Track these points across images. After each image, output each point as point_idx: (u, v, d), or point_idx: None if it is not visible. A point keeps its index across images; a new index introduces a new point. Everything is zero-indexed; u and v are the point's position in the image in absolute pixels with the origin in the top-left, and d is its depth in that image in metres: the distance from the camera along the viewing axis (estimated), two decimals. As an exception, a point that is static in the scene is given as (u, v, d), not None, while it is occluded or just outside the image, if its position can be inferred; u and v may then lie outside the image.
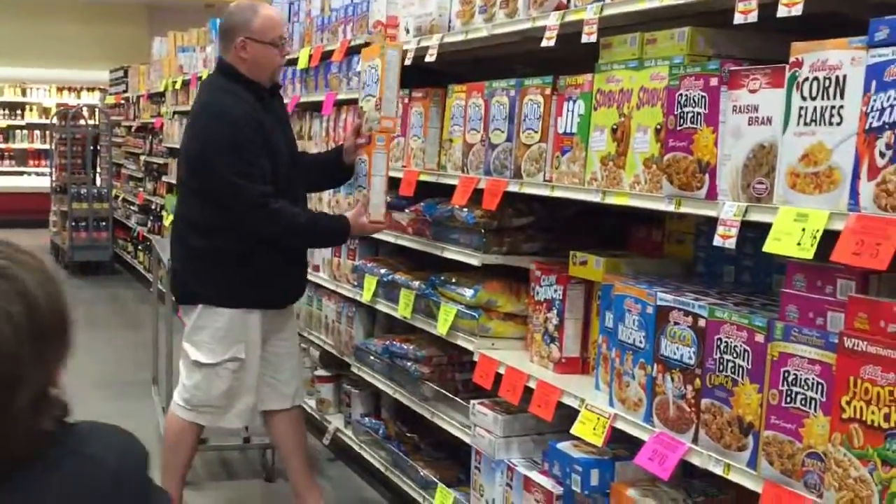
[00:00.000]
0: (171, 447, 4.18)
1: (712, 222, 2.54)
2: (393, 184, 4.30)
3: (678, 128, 2.63)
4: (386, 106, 4.05)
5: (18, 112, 18.60)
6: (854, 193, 2.13)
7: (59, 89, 18.80)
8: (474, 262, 3.71)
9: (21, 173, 18.38)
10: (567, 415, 3.12)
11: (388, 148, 4.10)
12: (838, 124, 2.18)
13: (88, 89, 18.65)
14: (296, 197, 4.08)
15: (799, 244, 2.20)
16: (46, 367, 1.54)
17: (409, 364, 4.22)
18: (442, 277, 3.97)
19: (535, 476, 3.24)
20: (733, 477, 2.44)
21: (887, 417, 2.00)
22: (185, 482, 4.28)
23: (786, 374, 2.27)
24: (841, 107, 2.18)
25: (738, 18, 2.45)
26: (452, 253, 3.88)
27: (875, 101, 2.09)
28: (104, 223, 12.13)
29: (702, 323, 2.54)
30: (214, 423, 4.21)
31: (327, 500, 4.43)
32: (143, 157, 11.74)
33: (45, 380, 1.55)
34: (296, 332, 4.46)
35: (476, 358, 3.65)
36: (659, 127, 2.73)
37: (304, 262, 4.31)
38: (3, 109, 18.44)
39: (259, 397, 4.19)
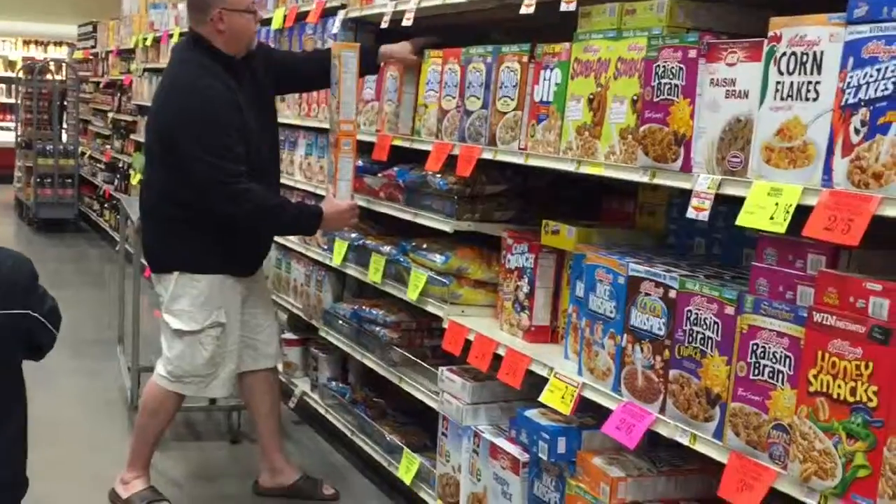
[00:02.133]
0: (151, 412, 4.16)
1: (685, 195, 2.55)
2: (366, 148, 4.29)
3: (655, 99, 2.63)
4: (344, 109, 4.03)
5: (-17, 65, 18.36)
6: (828, 169, 2.15)
7: (26, 42, 18.55)
8: (446, 228, 3.71)
9: (-15, 127, 18.17)
10: (535, 383, 3.14)
11: (355, 151, 4.07)
12: (814, 100, 2.19)
13: (56, 44, 18.41)
14: (269, 181, 4.03)
15: (772, 218, 2.22)
16: None
17: (377, 329, 4.23)
18: (413, 243, 3.97)
19: (502, 443, 3.26)
20: (699, 447, 2.47)
21: (853, 392, 2.03)
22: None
23: (754, 347, 2.29)
24: (818, 82, 2.19)
25: (719, -9, 2.45)
26: (424, 219, 3.88)
27: (852, 77, 2.10)
28: (70, 180, 12.01)
29: (672, 294, 2.56)
30: (199, 392, 4.19)
31: (292, 463, 4.44)
32: (110, 115, 11.61)
33: None
34: (268, 291, 4.44)
35: (445, 324, 3.66)
36: (636, 98, 2.73)
37: None
38: (-32, 62, 18.21)
39: (241, 359, 4.17)
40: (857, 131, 2.09)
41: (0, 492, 2.61)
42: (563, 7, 2.99)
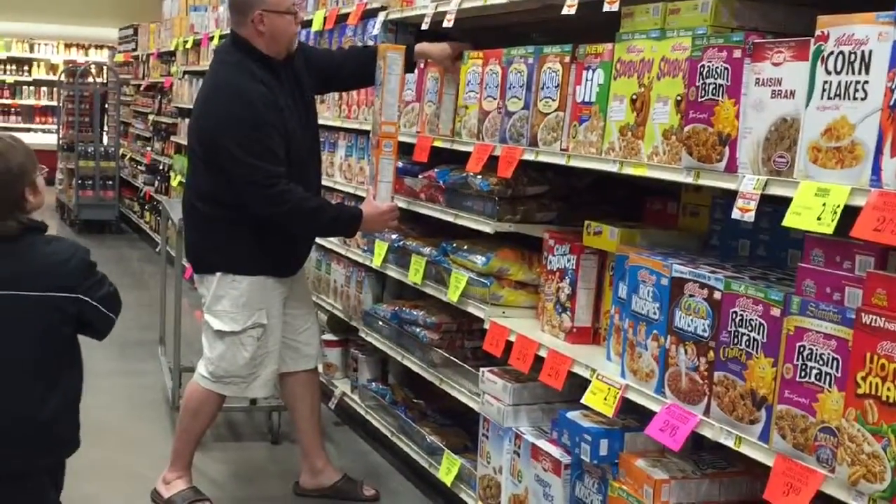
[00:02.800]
0: (192, 413, 4.18)
1: (729, 195, 2.54)
2: (406, 150, 4.29)
3: (699, 99, 2.62)
4: (387, 111, 4.03)
5: (25, 68, 18.53)
6: (877, 169, 2.12)
7: (67, 46, 18.71)
8: (487, 229, 3.70)
9: (27, 130, 18.32)
10: (577, 385, 3.13)
11: (396, 153, 4.07)
12: (862, 99, 2.17)
13: (97, 47, 18.56)
14: (309, 182, 4.03)
15: (819, 219, 2.20)
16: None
17: (418, 330, 4.23)
18: (454, 244, 3.97)
19: (544, 444, 3.25)
20: (744, 450, 2.45)
21: (903, 394, 2.01)
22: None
23: (801, 349, 2.27)
24: (866, 82, 2.17)
25: (764, -10, 2.43)
26: (465, 220, 3.88)
27: (901, 76, 2.07)
28: (111, 182, 12.10)
29: (717, 295, 2.54)
30: (240, 393, 4.21)
31: (332, 464, 4.45)
32: (151, 117, 11.71)
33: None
34: (309, 292, 4.45)
35: (487, 325, 3.66)
36: (679, 98, 2.72)
37: None
38: (11, 65, 18.37)
39: (282, 360, 4.19)
40: (906, 131, 2.06)
41: (60, 446, 2.92)
42: (606, 7, 2.98)
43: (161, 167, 11.07)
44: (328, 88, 4.75)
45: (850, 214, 2.14)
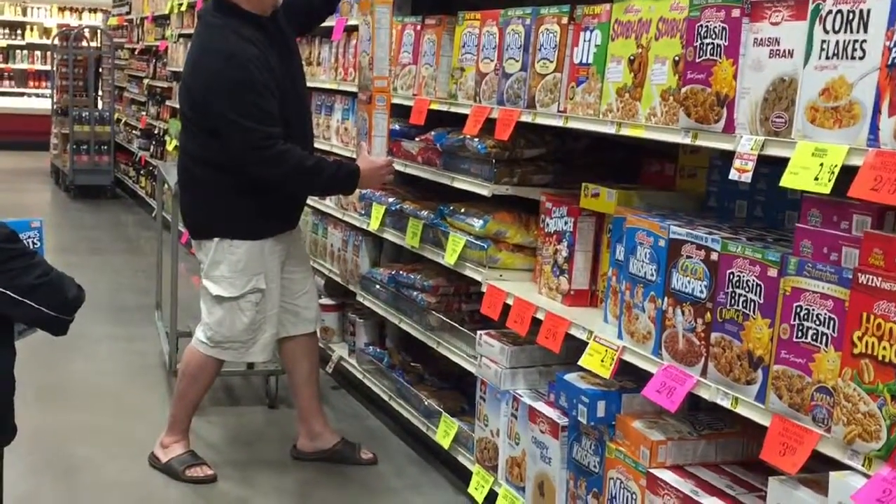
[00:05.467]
0: (191, 378, 4.18)
1: (726, 157, 2.54)
2: (403, 112, 4.27)
3: (697, 60, 2.60)
4: (378, 65, 3.98)
5: (18, 32, 18.46)
6: (874, 129, 2.12)
7: (61, 9, 18.63)
8: (484, 192, 3.70)
9: (21, 94, 18.28)
10: (574, 347, 3.14)
11: (389, 108, 4.03)
12: (860, 59, 2.16)
13: (90, 10, 18.48)
14: (303, 140, 4.00)
15: (816, 179, 2.20)
16: None
17: (415, 293, 4.23)
18: (451, 207, 3.97)
19: (541, 407, 3.27)
20: (741, 410, 2.46)
21: (900, 354, 2.01)
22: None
23: (798, 309, 2.28)
24: (864, 41, 2.16)
25: (763, -51, 2.42)
26: (462, 183, 3.87)
27: (899, 36, 2.07)
28: (106, 147, 12.06)
29: (714, 257, 2.54)
30: (239, 358, 4.22)
31: (330, 428, 4.47)
32: (146, 81, 11.65)
33: None
34: (307, 255, 4.43)
35: (484, 289, 3.66)
36: (677, 58, 2.71)
37: None
38: (3, 29, 18.29)
39: (280, 324, 4.19)
40: (904, 90, 2.06)
41: None
42: (604, -33, 2.96)
43: (157, 131, 11.03)
44: (306, 29, 4.66)
45: (847, 174, 2.14)
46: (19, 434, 2.76)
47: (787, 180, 2.27)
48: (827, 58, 2.24)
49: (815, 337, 2.24)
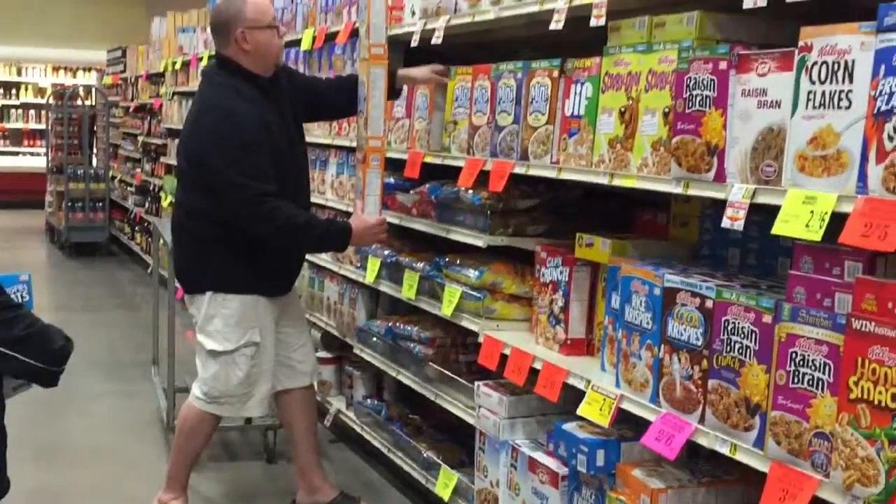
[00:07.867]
0: (188, 433, 4.18)
1: (718, 205, 2.56)
2: (398, 166, 4.31)
3: (687, 110, 2.65)
4: (372, 125, 4.01)
5: (13, 91, 18.56)
6: (862, 176, 2.16)
7: (55, 69, 18.75)
8: (479, 243, 3.72)
9: (16, 153, 18.34)
10: (571, 396, 3.15)
11: (383, 167, 4.05)
12: (847, 108, 2.20)
13: (85, 69, 18.60)
14: (299, 200, 4.05)
15: (807, 226, 2.23)
16: None
17: (412, 345, 4.25)
18: (447, 259, 3.99)
19: (540, 457, 3.27)
20: (740, 457, 2.47)
21: (895, 398, 2.03)
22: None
23: (793, 355, 2.30)
24: (850, 91, 2.20)
25: (748, 3, 2.46)
26: (458, 234, 3.90)
27: (883, 85, 2.11)
28: (101, 204, 12.11)
29: (709, 304, 2.56)
30: (236, 413, 4.21)
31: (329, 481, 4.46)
32: (140, 138, 11.72)
33: None
34: (302, 310, 4.45)
35: (481, 339, 3.68)
36: (667, 110, 2.75)
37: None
38: (-1, 89, 18.41)
39: (276, 378, 4.20)
40: (890, 138, 2.10)
41: None
42: (593, 22, 3.01)
43: (151, 188, 11.08)
44: (316, 117, 4.72)
45: (837, 221, 2.17)
46: (18, 492, 2.75)
47: (779, 228, 2.31)
48: (814, 107, 2.28)
49: (811, 382, 2.26)
